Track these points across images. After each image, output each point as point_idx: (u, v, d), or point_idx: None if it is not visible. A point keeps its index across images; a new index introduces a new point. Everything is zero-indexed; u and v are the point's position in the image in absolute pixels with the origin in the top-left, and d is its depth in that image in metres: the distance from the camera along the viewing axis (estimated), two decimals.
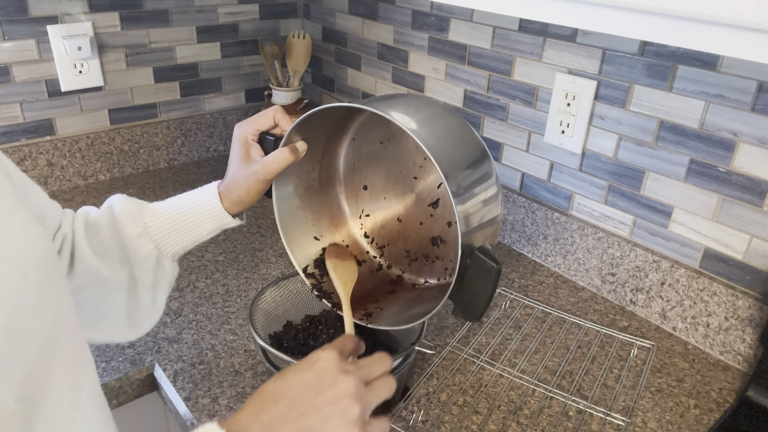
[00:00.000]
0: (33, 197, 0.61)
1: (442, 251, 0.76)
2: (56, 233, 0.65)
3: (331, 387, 0.49)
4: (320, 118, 0.69)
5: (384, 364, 0.55)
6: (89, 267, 0.66)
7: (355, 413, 0.48)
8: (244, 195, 0.71)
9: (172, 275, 0.73)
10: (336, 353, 0.52)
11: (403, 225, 0.80)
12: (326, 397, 0.48)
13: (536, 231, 1.12)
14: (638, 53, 0.90)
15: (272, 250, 1.13)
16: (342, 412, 0.48)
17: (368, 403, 0.51)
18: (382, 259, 0.82)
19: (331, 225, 0.82)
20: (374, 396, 0.52)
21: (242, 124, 0.73)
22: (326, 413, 0.48)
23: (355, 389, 0.50)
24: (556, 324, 0.96)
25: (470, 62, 1.15)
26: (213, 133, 1.51)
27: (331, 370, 0.50)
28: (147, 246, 0.69)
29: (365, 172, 0.81)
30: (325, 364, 0.51)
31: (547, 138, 1.06)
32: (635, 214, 0.98)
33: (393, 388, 0.54)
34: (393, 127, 0.76)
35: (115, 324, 0.71)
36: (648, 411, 0.80)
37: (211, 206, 0.71)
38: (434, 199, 0.77)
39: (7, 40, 1.18)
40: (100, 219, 0.69)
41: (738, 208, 0.85)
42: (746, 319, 0.86)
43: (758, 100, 0.79)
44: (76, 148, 1.32)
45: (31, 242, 0.48)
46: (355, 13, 1.38)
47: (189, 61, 1.43)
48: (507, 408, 0.79)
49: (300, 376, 0.50)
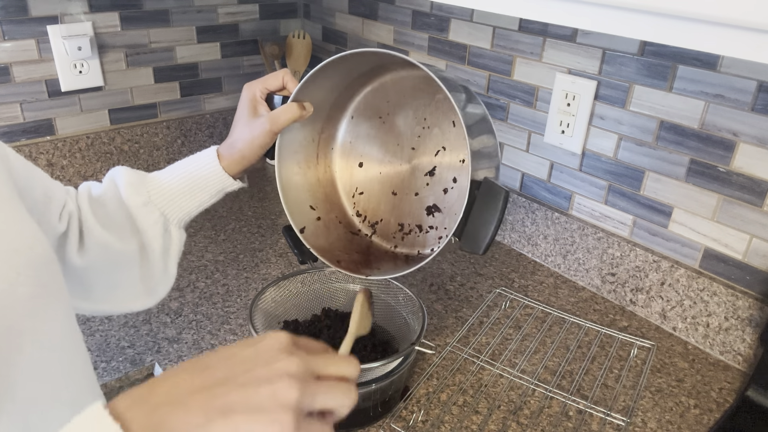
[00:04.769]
0: (36, 181, 0.61)
1: (437, 220, 0.78)
2: (62, 212, 0.65)
3: (267, 365, 0.40)
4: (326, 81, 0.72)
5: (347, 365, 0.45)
6: (99, 241, 0.67)
7: (290, 396, 0.39)
8: (247, 149, 0.71)
9: (180, 241, 0.73)
10: (289, 336, 0.43)
11: (398, 198, 0.81)
12: (258, 374, 0.40)
13: (536, 231, 1.12)
14: (638, 53, 0.90)
15: (272, 250, 1.13)
16: (273, 393, 0.39)
17: (312, 395, 0.41)
18: (375, 236, 0.83)
19: (325, 201, 0.84)
20: (323, 391, 0.42)
21: (252, 83, 0.74)
22: (252, 391, 0.39)
23: (296, 371, 0.40)
24: (556, 324, 0.96)
25: (470, 62, 1.15)
26: (213, 133, 1.51)
27: (273, 349, 0.42)
28: (153, 214, 0.69)
29: (361, 149, 0.83)
30: (270, 343, 0.42)
31: (547, 138, 1.06)
32: (635, 214, 0.98)
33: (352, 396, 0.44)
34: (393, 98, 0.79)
35: (130, 293, 0.72)
36: (648, 411, 0.80)
37: (212, 169, 0.72)
38: (431, 167, 0.78)
39: (7, 40, 1.18)
40: (104, 192, 0.70)
41: (738, 208, 0.85)
42: (746, 319, 0.86)
43: (758, 100, 0.79)
44: (76, 148, 1.32)
45: (25, 241, 0.48)
46: (355, 13, 1.38)
47: (189, 61, 1.43)
48: (507, 408, 0.79)
49: (235, 350, 0.42)
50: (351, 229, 0.83)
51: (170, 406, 0.38)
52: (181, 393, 0.38)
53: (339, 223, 0.83)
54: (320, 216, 0.82)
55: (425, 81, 0.76)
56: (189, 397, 0.38)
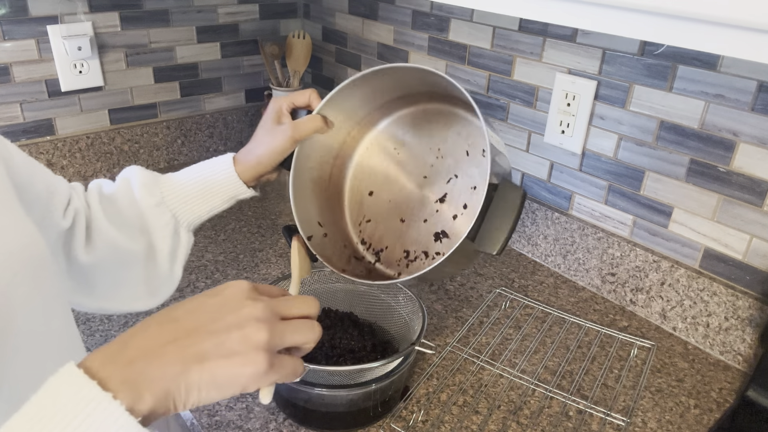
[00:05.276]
0: (38, 177, 0.61)
1: (444, 246, 0.77)
2: (67, 208, 0.65)
3: (234, 312, 0.42)
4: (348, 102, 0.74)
5: (308, 304, 0.47)
6: (107, 238, 0.67)
7: (260, 338, 0.41)
8: (265, 154, 0.72)
9: (188, 245, 0.74)
10: (248, 283, 0.45)
11: (406, 224, 0.81)
12: (227, 321, 0.42)
13: (536, 231, 1.12)
14: (638, 53, 0.90)
15: (272, 250, 1.13)
16: (244, 337, 0.41)
17: (281, 334, 0.43)
18: (379, 264, 0.83)
19: (333, 224, 0.84)
20: (290, 330, 0.44)
21: (279, 98, 0.76)
22: (224, 337, 0.41)
23: (263, 314, 0.43)
24: (556, 324, 0.96)
25: (470, 62, 1.15)
26: (213, 133, 1.51)
27: (237, 297, 0.44)
28: (165, 215, 0.70)
29: (373, 178, 0.83)
30: (233, 291, 0.44)
31: (547, 138, 1.06)
32: (635, 214, 0.98)
33: (316, 331, 0.46)
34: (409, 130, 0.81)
35: (133, 293, 0.72)
36: (648, 411, 0.80)
37: (226, 174, 0.72)
38: (442, 194, 0.79)
39: (7, 40, 1.18)
40: (116, 190, 0.70)
41: (738, 208, 0.85)
42: (746, 319, 0.86)
43: (758, 100, 0.79)
44: (76, 148, 1.32)
45: (21, 241, 0.48)
46: (355, 13, 1.38)
47: (189, 61, 1.43)
48: (507, 408, 0.79)
49: (199, 300, 0.44)
50: (355, 254, 0.84)
51: (146, 359, 0.39)
52: (154, 345, 0.39)
53: (344, 247, 0.83)
54: (327, 233, 0.82)
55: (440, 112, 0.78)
56: (163, 348, 0.39)
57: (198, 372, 0.39)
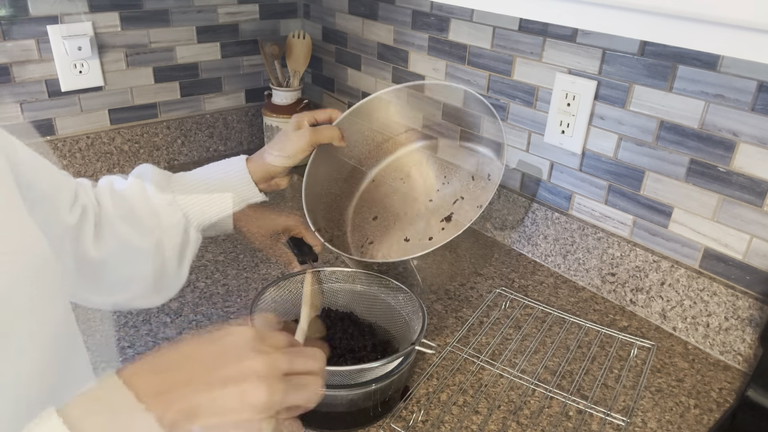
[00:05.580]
0: (43, 173, 0.61)
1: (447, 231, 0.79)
2: (74, 204, 0.65)
3: (233, 363, 0.39)
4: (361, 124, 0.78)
5: (314, 359, 0.44)
6: (117, 234, 0.67)
7: (258, 398, 0.38)
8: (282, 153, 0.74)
9: (196, 244, 0.75)
10: (253, 331, 0.42)
11: (410, 243, 0.84)
12: (224, 373, 0.39)
13: (536, 231, 1.12)
14: (638, 53, 0.90)
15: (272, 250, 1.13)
16: (240, 395, 0.38)
17: (281, 395, 0.40)
18: None
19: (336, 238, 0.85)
20: (291, 389, 0.41)
21: (302, 113, 0.80)
22: (218, 393, 0.38)
23: (264, 370, 0.40)
24: (556, 324, 0.96)
25: (470, 62, 1.15)
26: (213, 133, 1.51)
27: (239, 347, 0.40)
28: (176, 214, 0.70)
29: (378, 205, 0.85)
30: (235, 340, 0.41)
31: (547, 138, 1.06)
32: (635, 214, 0.98)
33: (319, 392, 0.43)
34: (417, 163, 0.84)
35: (141, 289, 0.72)
36: (648, 411, 0.80)
37: (238, 176, 0.74)
38: (449, 213, 0.81)
39: (7, 40, 1.18)
40: (128, 188, 0.71)
41: (738, 208, 0.85)
42: (746, 319, 0.86)
43: (758, 100, 0.79)
44: (76, 148, 1.32)
45: (24, 242, 0.48)
46: (355, 13, 1.38)
47: (189, 61, 1.43)
48: (507, 408, 0.79)
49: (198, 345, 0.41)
50: None
51: (129, 413, 0.36)
52: (143, 396, 0.37)
53: None
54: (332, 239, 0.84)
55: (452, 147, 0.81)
56: (153, 399, 0.37)
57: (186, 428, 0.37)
